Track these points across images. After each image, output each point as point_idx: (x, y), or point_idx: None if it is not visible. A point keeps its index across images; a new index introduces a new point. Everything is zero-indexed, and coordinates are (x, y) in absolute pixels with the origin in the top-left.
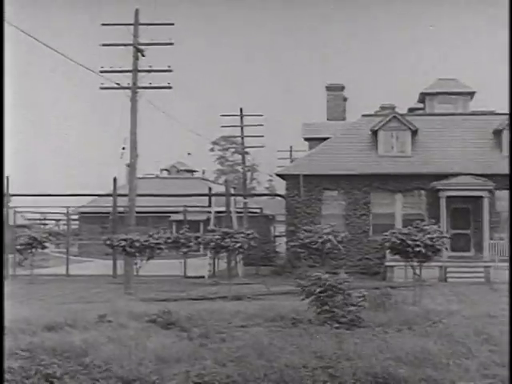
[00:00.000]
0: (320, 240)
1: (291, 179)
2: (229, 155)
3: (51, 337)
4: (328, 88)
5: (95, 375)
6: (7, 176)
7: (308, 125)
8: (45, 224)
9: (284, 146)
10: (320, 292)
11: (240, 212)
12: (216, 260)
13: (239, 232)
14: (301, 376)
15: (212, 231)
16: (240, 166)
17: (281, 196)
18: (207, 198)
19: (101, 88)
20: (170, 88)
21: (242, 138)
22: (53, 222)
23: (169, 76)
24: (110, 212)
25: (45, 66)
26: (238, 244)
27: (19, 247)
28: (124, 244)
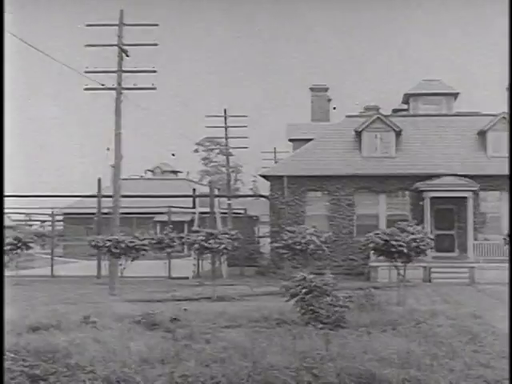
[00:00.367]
0: (303, 241)
1: (275, 180)
2: (213, 156)
3: (36, 338)
4: (312, 89)
5: (80, 376)
6: None
7: (292, 126)
8: (30, 225)
9: (268, 147)
10: (305, 293)
11: (224, 213)
12: (200, 261)
13: (223, 233)
14: (285, 376)
15: (196, 232)
16: (224, 167)
17: (265, 197)
18: (191, 199)
19: (85, 89)
20: (155, 89)
21: (226, 139)
22: (38, 223)
23: (153, 77)
24: (95, 213)
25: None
26: (223, 245)
27: (4, 248)
28: (109, 245)
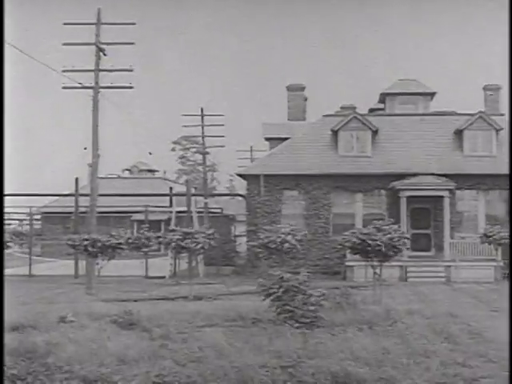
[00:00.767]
0: (279, 240)
1: (252, 179)
2: (190, 155)
3: (14, 337)
4: (289, 88)
5: (57, 376)
6: None
7: (268, 125)
8: (8, 224)
9: (244, 146)
10: (281, 292)
11: (201, 212)
12: (177, 260)
13: (200, 232)
14: (261, 376)
15: (173, 231)
16: (201, 166)
17: (241, 196)
18: (168, 198)
19: (63, 87)
20: (132, 88)
21: (203, 138)
22: (16, 222)
23: (130, 76)
24: (72, 212)
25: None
26: (199, 244)
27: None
28: (86, 244)
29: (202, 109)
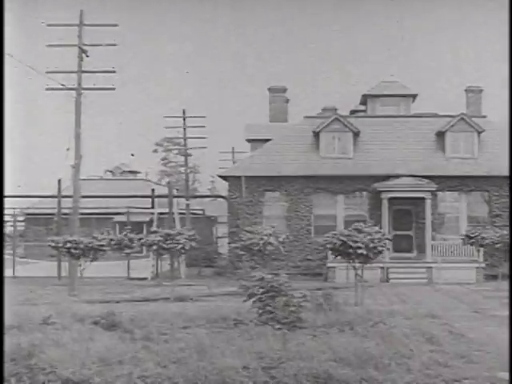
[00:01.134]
0: (261, 241)
1: (233, 180)
2: (172, 156)
3: None
4: (270, 90)
5: (40, 377)
6: None
7: (250, 126)
8: None
9: (226, 148)
10: (262, 293)
11: (183, 213)
12: (159, 261)
13: (181, 233)
14: (242, 377)
15: (155, 232)
16: (183, 168)
17: (223, 197)
18: (150, 200)
19: (46, 89)
20: (114, 89)
21: (185, 140)
22: None
23: (113, 77)
24: (55, 213)
25: None
26: (180, 245)
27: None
28: (69, 246)
29: (184, 110)
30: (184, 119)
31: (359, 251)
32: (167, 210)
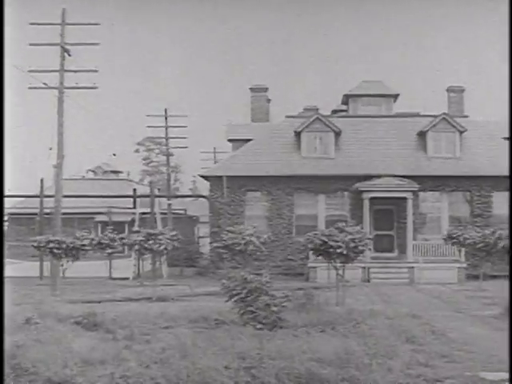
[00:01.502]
0: (243, 241)
1: (215, 180)
2: (154, 156)
3: None
4: (252, 89)
5: (23, 378)
6: None
7: (232, 126)
8: None
9: (208, 147)
10: (244, 293)
11: (164, 213)
12: (141, 261)
13: (163, 233)
14: (223, 377)
15: (136, 232)
16: (164, 167)
17: (204, 197)
18: (132, 199)
19: (29, 88)
20: (96, 88)
21: (167, 139)
22: None
23: (95, 76)
24: (38, 213)
25: None
26: (162, 245)
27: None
28: (51, 246)
29: (166, 110)
30: (166, 118)
31: (339, 250)
32: (149, 210)
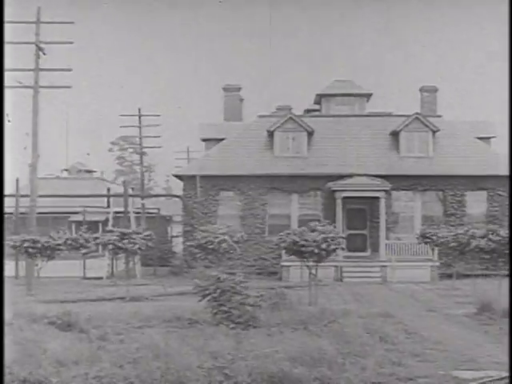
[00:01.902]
0: (216, 240)
1: (188, 180)
2: (127, 155)
3: None
4: (225, 89)
5: None
6: None
7: (205, 125)
8: None
9: (181, 147)
10: (217, 292)
11: (138, 212)
12: (114, 260)
13: (137, 233)
14: (197, 376)
15: (110, 232)
16: (138, 167)
17: (178, 196)
18: (106, 199)
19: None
20: (70, 87)
21: (140, 139)
22: None
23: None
24: (13, 213)
25: None
26: (136, 245)
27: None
28: (26, 245)
29: (140, 109)
30: (139, 118)
31: (310, 249)
32: (123, 210)
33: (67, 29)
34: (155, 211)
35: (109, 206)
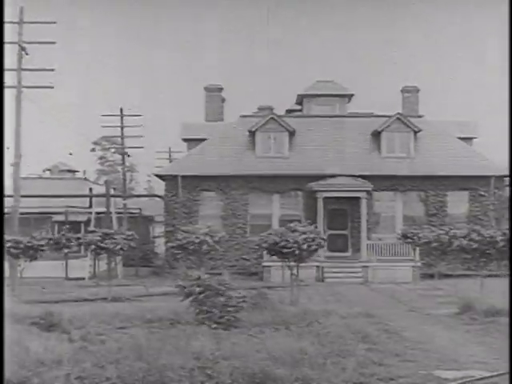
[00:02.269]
0: (197, 241)
1: (170, 180)
2: (109, 155)
3: None
4: (206, 89)
5: None
6: None
7: (186, 125)
8: None
9: (163, 147)
10: (199, 293)
11: (120, 213)
12: (96, 261)
13: (119, 233)
14: (179, 377)
15: (92, 232)
16: (120, 167)
17: (159, 197)
18: (88, 199)
19: None
20: (52, 87)
21: (122, 139)
22: None
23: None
24: None
25: None
26: (118, 245)
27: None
28: (9, 245)
29: (122, 109)
30: (121, 118)
31: (293, 250)
32: (105, 210)
33: (49, 29)
34: (137, 211)
35: (91, 206)
